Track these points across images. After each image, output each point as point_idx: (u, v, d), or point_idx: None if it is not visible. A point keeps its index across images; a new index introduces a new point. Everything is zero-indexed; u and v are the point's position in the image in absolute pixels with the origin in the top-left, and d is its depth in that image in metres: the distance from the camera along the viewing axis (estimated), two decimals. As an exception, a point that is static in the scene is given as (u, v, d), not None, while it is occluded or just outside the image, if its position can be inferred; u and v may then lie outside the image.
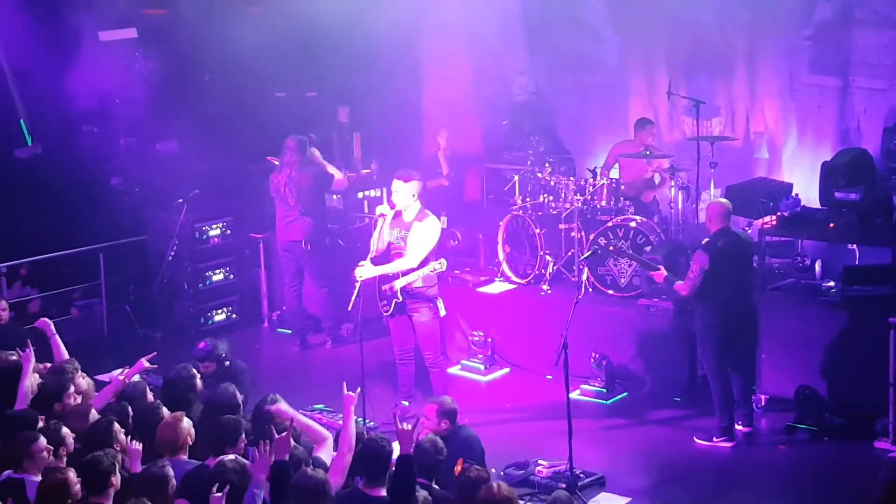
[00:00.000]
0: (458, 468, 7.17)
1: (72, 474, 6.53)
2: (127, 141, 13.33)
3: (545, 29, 13.46)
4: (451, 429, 7.80)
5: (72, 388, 8.03)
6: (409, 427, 6.62)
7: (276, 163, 11.72)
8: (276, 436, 6.48)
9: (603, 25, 13.17)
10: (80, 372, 8.40)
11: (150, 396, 8.28)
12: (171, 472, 6.66)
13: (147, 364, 8.67)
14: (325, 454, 7.04)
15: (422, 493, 6.62)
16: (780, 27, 12.06)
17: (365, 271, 9.50)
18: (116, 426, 7.20)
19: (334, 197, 12.26)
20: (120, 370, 8.54)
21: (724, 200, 9.67)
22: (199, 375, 8.29)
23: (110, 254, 12.33)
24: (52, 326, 8.91)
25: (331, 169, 11.84)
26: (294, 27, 12.43)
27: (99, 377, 8.61)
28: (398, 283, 9.47)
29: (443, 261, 9.51)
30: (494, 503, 6.12)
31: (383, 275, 9.56)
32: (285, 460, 6.41)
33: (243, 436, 7.30)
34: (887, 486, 6.31)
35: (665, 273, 9.36)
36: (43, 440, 6.94)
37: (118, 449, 6.95)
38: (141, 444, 7.22)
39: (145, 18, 13.43)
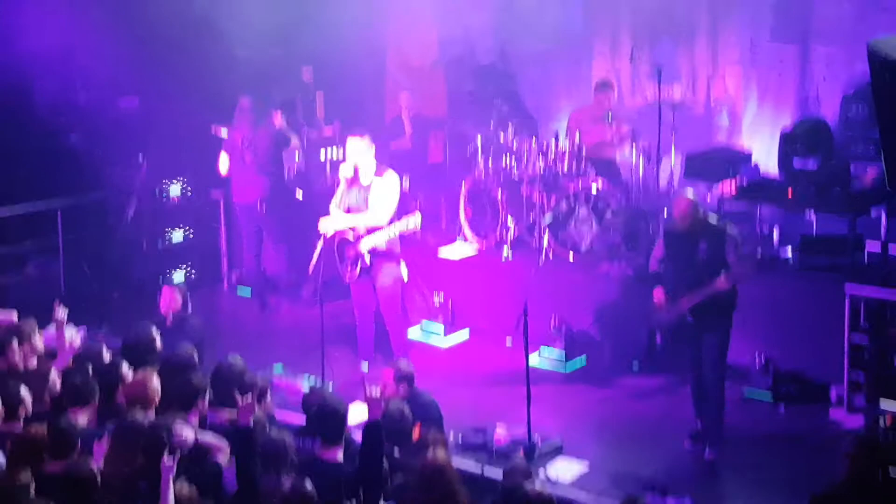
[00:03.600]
0: (416, 433, 7.21)
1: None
2: (86, 95, 13.15)
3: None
4: (409, 392, 7.84)
5: (15, 344, 7.97)
6: (378, 394, 6.62)
7: (223, 135, 11.64)
8: (241, 401, 6.48)
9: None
10: (37, 331, 8.35)
11: (106, 356, 8.27)
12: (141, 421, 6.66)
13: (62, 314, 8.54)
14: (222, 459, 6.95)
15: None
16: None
17: (333, 221, 9.42)
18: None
19: (295, 156, 12.18)
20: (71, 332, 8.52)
21: None
22: (158, 337, 8.27)
23: (68, 211, 12.19)
24: None
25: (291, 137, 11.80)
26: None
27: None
28: (365, 245, 9.41)
29: (418, 214, 9.46)
30: (426, 470, 6.23)
31: (343, 238, 9.52)
32: (249, 425, 6.41)
33: (206, 395, 7.30)
34: (854, 458, 6.40)
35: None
36: None
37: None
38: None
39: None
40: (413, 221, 9.37)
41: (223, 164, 11.70)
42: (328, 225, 9.43)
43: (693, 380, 8.64)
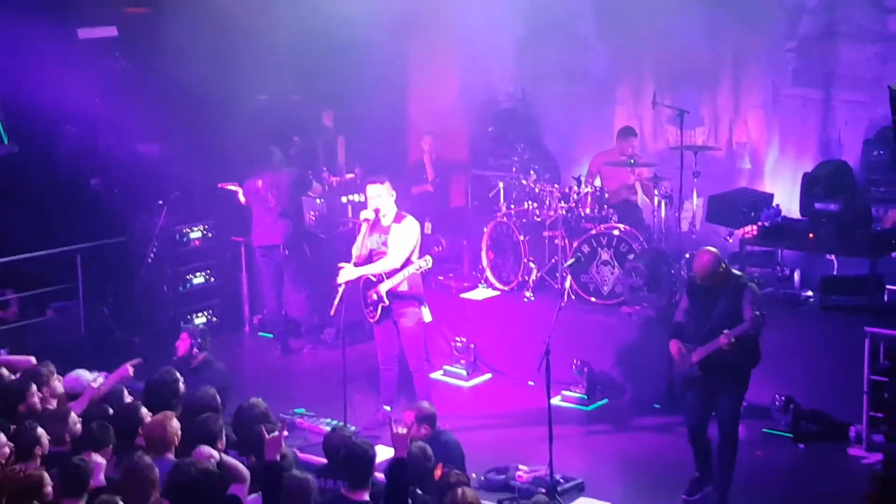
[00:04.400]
0: (437, 472, 7.17)
1: (45, 475, 6.51)
2: (107, 141, 13.26)
3: (533, 37, 13.55)
4: (430, 434, 7.81)
5: (34, 388, 7.99)
6: (404, 431, 6.60)
7: (234, 188, 11.75)
8: (267, 436, 6.47)
9: (591, 35, 13.29)
10: (55, 375, 8.37)
11: (127, 398, 8.28)
12: (149, 460, 6.66)
13: (131, 371, 8.64)
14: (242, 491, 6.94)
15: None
16: (765, 40, 12.18)
17: (347, 273, 9.50)
18: (111, 430, 7.22)
19: (318, 201, 12.24)
20: (93, 376, 8.53)
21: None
22: (181, 380, 8.28)
23: (88, 255, 12.21)
24: None
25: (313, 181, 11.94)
26: (280, 29, 12.39)
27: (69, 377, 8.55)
28: (383, 287, 9.46)
29: (428, 258, 9.50)
30: None
31: (367, 280, 9.56)
32: (276, 460, 6.40)
33: (223, 435, 7.30)
34: (873, 495, 6.35)
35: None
36: (2, 437, 6.90)
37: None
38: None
39: (126, 17, 13.36)
40: (423, 263, 9.43)
41: (241, 195, 11.78)
42: (344, 277, 9.49)
43: (692, 430, 8.36)
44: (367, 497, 6.79)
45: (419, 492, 6.93)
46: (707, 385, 8.18)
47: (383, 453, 7.50)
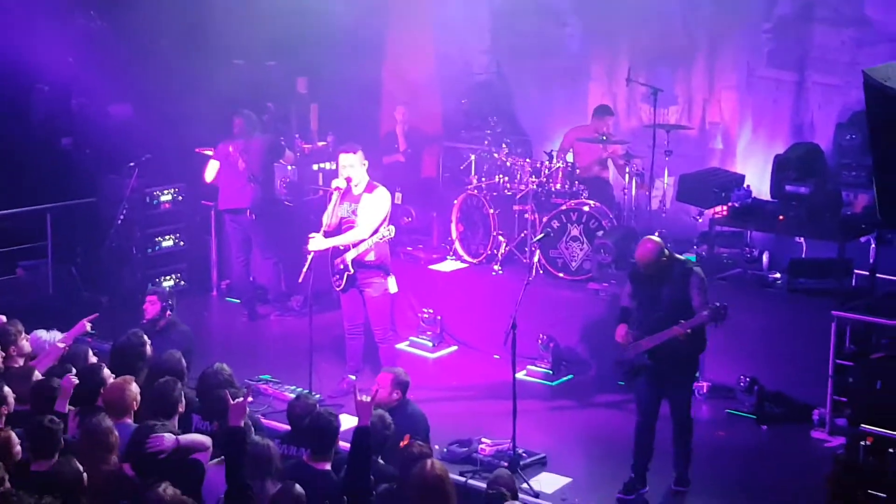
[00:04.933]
0: (404, 443, 7.19)
1: (13, 434, 6.49)
2: (79, 101, 13.15)
3: (510, 10, 13.49)
4: (401, 400, 7.87)
5: (11, 349, 7.98)
6: (368, 399, 6.61)
7: (209, 153, 11.67)
8: (232, 402, 6.46)
9: (567, 10, 13.26)
10: (23, 334, 8.35)
11: (92, 359, 8.27)
12: (109, 422, 6.66)
13: (88, 327, 8.62)
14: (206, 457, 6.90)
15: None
16: (741, 20, 12.18)
17: (317, 243, 9.49)
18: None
19: (289, 168, 12.20)
20: (50, 335, 8.52)
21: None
22: (148, 343, 8.26)
23: (58, 215, 12.19)
24: None
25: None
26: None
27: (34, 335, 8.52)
28: (349, 255, 9.48)
29: (391, 227, 9.54)
30: (426, 480, 6.15)
31: (335, 249, 9.56)
32: (240, 426, 6.39)
33: (183, 400, 7.30)
34: (834, 478, 6.41)
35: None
36: None
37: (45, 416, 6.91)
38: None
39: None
40: (385, 232, 9.47)
41: (210, 172, 11.69)
42: (314, 246, 9.47)
43: (642, 422, 8.25)
44: (328, 466, 6.82)
45: (380, 461, 6.96)
46: (656, 372, 8.16)
47: (347, 422, 7.53)
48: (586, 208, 10.93)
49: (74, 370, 7.56)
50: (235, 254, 11.94)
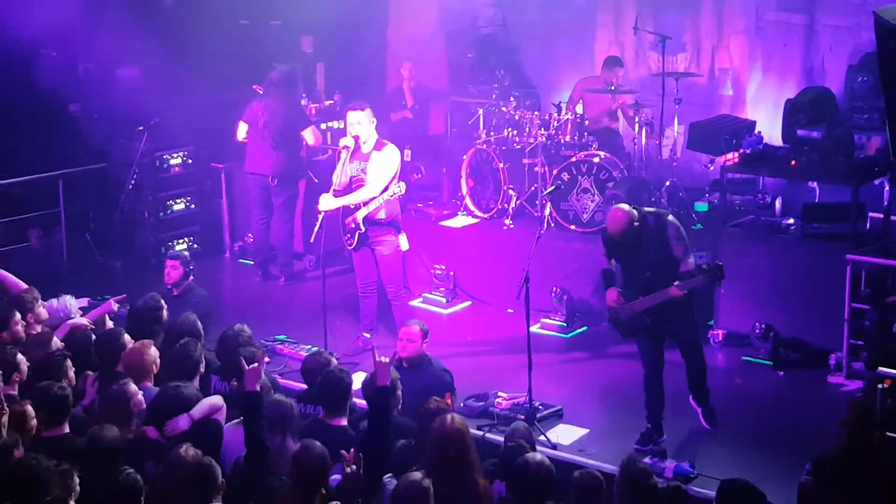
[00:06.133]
0: (445, 399, 7.33)
1: (29, 408, 6.52)
2: (86, 66, 13.12)
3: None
4: (424, 355, 8.04)
5: (17, 316, 8.01)
6: (387, 360, 6.64)
7: (261, 91, 11.55)
8: (247, 367, 6.49)
9: (572, -42, 13.14)
10: (39, 301, 8.39)
11: (109, 324, 8.32)
12: (133, 388, 6.70)
13: (116, 307, 8.65)
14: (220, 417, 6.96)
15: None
16: (749, -37, 12.06)
17: (327, 203, 9.47)
18: (68, 363, 7.21)
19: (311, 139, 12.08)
20: (73, 301, 8.57)
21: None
22: (165, 307, 8.30)
23: (70, 181, 12.19)
24: None
25: (310, 131, 11.63)
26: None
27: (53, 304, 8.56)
28: (360, 214, 9.46)
29: (402, 184, 9.50)
30: (446, 435, 6.17)
31: (346, 208, 9.54)
32: (257, 390, 6.42)
33: (203, 361, 7.34)
34: (850, 421, 6.41)
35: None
36: None
37: (66, 384, 6.95)
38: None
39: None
40: (396, 189, 9.43)
41: (241, 132, 11.49)
42: (324, 206, 9.45)
43: (649, 377, 8.26)
44: (345, 422, 6.88)
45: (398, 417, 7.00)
46: (656, 330, 8.18)
47: (359, 380, 7.57)
48: (596, 160, 10.88)
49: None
50: (256, 215, 11.79)
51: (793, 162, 10.15)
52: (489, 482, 6.26)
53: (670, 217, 8.23)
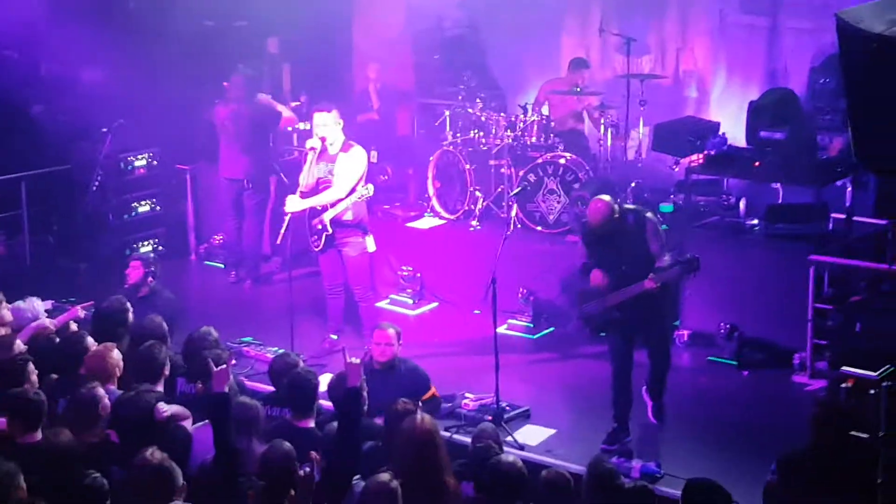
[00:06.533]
0: (431, 393, 7.65)
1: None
2: (49, 67, 13.01)
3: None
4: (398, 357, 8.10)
5: None
6: (358, 361, 6.63)
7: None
8: (215, 369, 6.47)
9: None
10: (3, 303, 8.32)
11: (73, 327, 8.26)
12: (101, 392, 6.66)
13: (82, 314, 8.58)
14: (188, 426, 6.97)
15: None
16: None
17: (293, 204, 9.46)
18: (31, 366, 7.15)
19: (290, 129, 12.06)
20: (39, 302, 8.50)
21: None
22: (130, 309, 8.25)
23: (32, 183, 12.07)
24: None
25: (280, 107, 11.65)
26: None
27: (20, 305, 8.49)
28: (327, 216, 9.45)
29: (369, 186, 9.49)
30: (416, 436, 6.18)
31: (313, 209, 9.52)
32: (225, 392, 6.41)
33: (167, 364, 7.31)
34: (817, 422, 6.45)
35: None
36: None
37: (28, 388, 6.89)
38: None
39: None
40: (364, 191, 9.42)
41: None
42: (290, 207, 9.43)
43: (618, 373, 8.26)
44: (312, 424, 6.87)
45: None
46: (627, 323, 8.21)
47: (325, 381, 7.56)
48: (562, 161, 10.92)
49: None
50: (231, 218, 11.74)
51: (756, 163, 10.22)
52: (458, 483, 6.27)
53: (649, 214, 8.30)
